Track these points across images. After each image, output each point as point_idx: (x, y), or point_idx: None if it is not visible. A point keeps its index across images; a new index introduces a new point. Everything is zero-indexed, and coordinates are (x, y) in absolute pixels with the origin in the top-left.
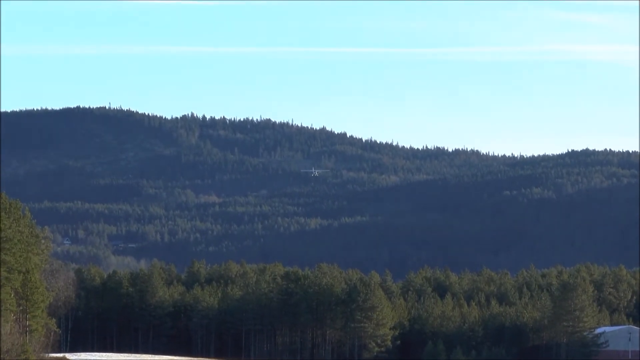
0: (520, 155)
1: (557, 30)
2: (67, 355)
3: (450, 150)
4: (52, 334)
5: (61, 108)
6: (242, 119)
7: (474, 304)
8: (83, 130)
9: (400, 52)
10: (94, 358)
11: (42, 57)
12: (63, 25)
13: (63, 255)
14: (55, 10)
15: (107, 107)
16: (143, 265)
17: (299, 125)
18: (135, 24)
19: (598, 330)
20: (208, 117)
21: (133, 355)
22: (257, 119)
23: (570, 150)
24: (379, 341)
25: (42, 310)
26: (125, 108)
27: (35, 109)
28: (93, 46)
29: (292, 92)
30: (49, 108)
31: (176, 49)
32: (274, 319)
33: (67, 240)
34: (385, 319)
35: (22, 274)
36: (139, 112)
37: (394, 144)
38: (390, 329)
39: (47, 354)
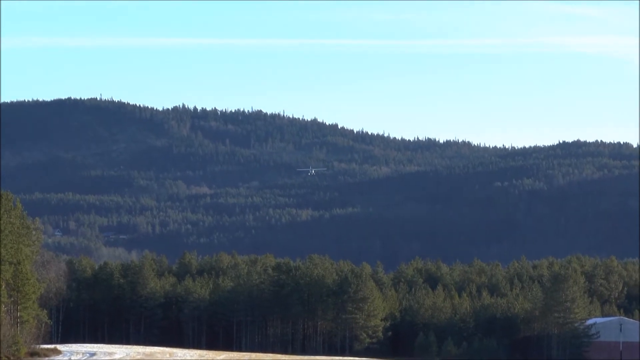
0: (512, 147)
1: (548, 22)
2: (58, 346)
3: (441, 141)
4: (43, 325)
5: (52, 99)
6: (233, 110)
7: (465, 295)
8: (74, 121)
9: (391, 44)
10: (85, 349)
11: (33, 49)
12: (55, 18)
13: (54, 247)
14: (46, 3)
15: (98, 99)
16: (134, 256)
17: (291, 116)
18: (127, 16)
19: (589, 322)
20: (199, 108)
21: (124, 346)
22: (248, 110)
23: (561, 141)
24: (370, 332)
25: (33, 302)
26: (116, 99)
27: (26, 101)
28: (84, 38)
29: (284, 84)
30: (41, 99)
31: (168, 40)
32: (265, 310)
33: (58, 231)
34: (377, 310)
35: (13, 265)
36: (130, 104)
37: (385, 135)
38: (381, 320)
39: (38, 345)
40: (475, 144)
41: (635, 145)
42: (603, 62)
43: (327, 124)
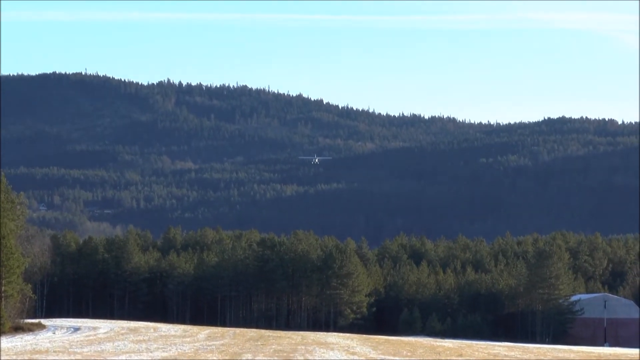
0: (497, 123)
1: None
2: (43, 320)
3: (426, 117)
4: (27, 299)
5: (37, 74)
6: (218, 85)
7: (449, 271)
8: (59, 96)
9: (377, 20)
10: (70, 324)
11: (18, 22)
12: None
13: (39, 221)
14: None
15: (83, 73)
16: (119, 231)
17: (276, 91)
18: None
19: (573, 298)
20: (184, 83)
21: (108, 321)
22: (233, 86)
23: (546, 117)
24: (354, 308)
25: (18, 276)
26: (101, 74)
27: (11, 75)
28: (69, 12)
29: (269, 59)
30: (25, 74)
31: (153, 15)
32: (250, 286)
33: (43, 206)
34: (361, 286)
35: None
36: (116, 78)
37: (370, 110)
38: (365, 295)
39: (22, 320)
40: (460, 120)
41: (620, 122)
42: (588, 38)
43: (312, 99)
